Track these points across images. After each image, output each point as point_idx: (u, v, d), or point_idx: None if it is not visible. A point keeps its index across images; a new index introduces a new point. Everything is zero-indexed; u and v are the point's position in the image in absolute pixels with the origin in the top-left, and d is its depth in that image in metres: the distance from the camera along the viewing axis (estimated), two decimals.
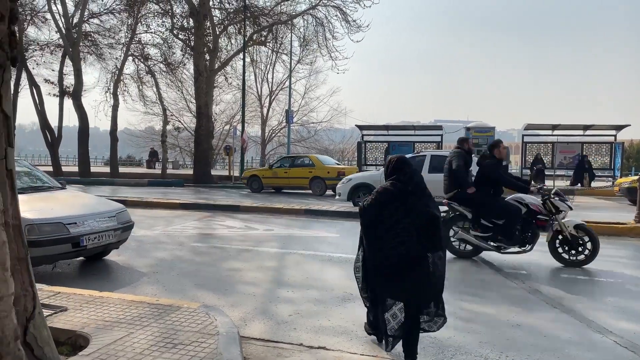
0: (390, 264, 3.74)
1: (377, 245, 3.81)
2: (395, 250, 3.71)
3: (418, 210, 3.73)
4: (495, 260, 7.17)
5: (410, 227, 3.71)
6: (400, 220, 3.72)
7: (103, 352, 3.36)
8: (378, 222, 3.80)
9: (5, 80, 3.17)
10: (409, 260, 3.70)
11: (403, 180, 3.81)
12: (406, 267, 3.70)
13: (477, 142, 19.44)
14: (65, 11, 24.43)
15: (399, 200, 3.76)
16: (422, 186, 3.87)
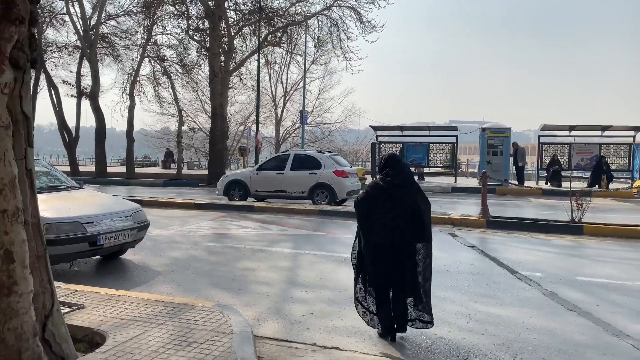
0: (382, 251, 4.13)
1: (370, 234, 4.17)
2: (385, 239, 4.10)
3: (406, 203, 4.11)
4: (510, 262, 7.11)
5: (398, 218, 4.09)
6: (389, 211, 4.10)
7: (119, 350, 3.41)
8: (371, 214, 4.16)
9: (25, 82, 3.24)
10: (398, 248, 4.10)
11: (391, 175, 4.18)
12: (396, 255, 4.11)
13: (493, 142, 19.29)
14: (83, 13, 24.77)
15: (387, 194, 4.13)
16: (410, 180, 4.25)
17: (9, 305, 3.01)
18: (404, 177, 4.22)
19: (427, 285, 4.22)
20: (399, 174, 4.20)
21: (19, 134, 3.19)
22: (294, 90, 40.90)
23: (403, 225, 4.10)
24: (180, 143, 27.48)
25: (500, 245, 8.54)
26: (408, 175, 4.29)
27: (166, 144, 40.12)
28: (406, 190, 4.16)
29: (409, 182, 4.22)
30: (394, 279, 4.17)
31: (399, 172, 4.21)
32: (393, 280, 4.18)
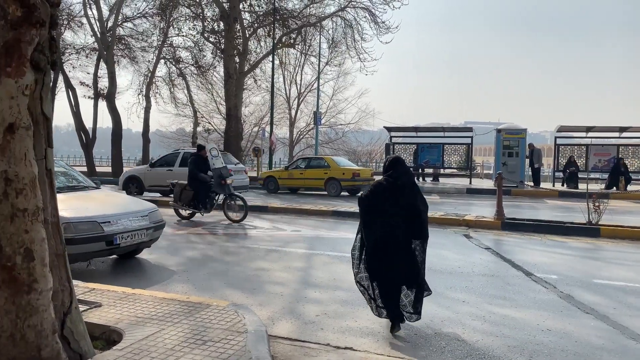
0: (382, 245, 4.43)
1: (372, 229, 4.49)
2: (386, 234, 4.41)
3: (405, 202, 4.44)
4: (525, 264, 7.05)
5: (398, 216, 4.40)
6: (390, 209, 4.42)
7: (136, 347, 3.46)
8: (373, 210, 4.49)
9: (45, 84, 3.30)
10: (397, 243, 4.41)
11: (394, 176, 4.50)
12: (394, 249, 4.41)
13: (509, 144, 19.13)
14: (100, 16, 25.09)
15: (389, 192, 4.46)
16: (411, 182, 4.60)
17: (29, 302, 3.08)
18: (406, 178, 4.55)
19: (421, 279, 4.54)
20: (402, 175, 4.52)
21: (39, 135, 3.26)
22: (308, 91, 40.99)
23: (402, 222, 4.41)
24: (196, 143, 27.67)
25: (516, 247, 8.47)
26: (409, 177, 4.62)
27: (181, 145, 40.36)
28: (407, 190, 4.49)
29: (410, 184, 4.56)
30: (392, 272, 4.44)
31: (401, 174, 4.53)
32: (392, 273, 4.45)
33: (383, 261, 4.45)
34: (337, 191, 16.91)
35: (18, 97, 3.10)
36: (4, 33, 3.05)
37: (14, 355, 3.09)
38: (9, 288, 3.08)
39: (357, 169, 18.27)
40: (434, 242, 8.78)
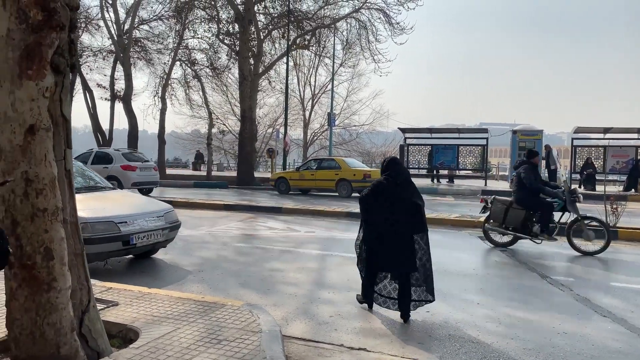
0: (383, 241, 4.71)
1: (373, 227, 4.80)
2: (387, 230, 4.69)
3: (404, 200, 4.72)
4: (541, 267, 6.99)
5: (398, 212, 4.68)
6: (390, 206, 4.71)
7: (152, 346, 3.51)
8: (374, 208, 4.80)
9: (65, 86, 3.37)
10: (398, 239, 4.67)
11: (393, 175, 4.81)
12: (396, 244, 4.67)
13: (525, 145, 18.96)
14: (117, 18, 25.40)
15: (389, 191, 4.75)
16: (408, 180, 4.90)
17: (48, 300, 3.13)
18: (404, 177, 4.87)
19: (428, 269, 4.77)
20: (399, 174, 4.85)
21: (58, 136, 3.32)
22: (322, 92, 41.07)
23: (401, 218, 4.69)
24: (210, 145, 27.87)
25: (531, 249, 8.39)
26: (407, 176, 4.96)
27: (196, 146, 40.77)
28: (405, 188, 4.80)
29: (407, 182, 4.88)
30: (393, 264, 4.77)
31: (399, 173, 4.86)
32: (393, 265, 4.78)
33: (386, 256, 4.74)
34: (348, 192, 16.92)
35: (38, 99, 3.16)
36: (25, 36, 3.11)
37: (34, 353, 3.16)
38: (29, 286, 3.15)
39: (368, 170, 18.26)
40: (448, 243, 8.82)
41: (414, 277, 4.73)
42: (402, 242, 4.68)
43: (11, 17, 3.09)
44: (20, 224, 3.14)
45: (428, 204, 14.69)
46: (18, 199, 3.14)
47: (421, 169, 22.70)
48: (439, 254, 7.86)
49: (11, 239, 3.17)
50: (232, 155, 41.10)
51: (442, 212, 12.31)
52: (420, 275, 4.74)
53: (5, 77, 3.12)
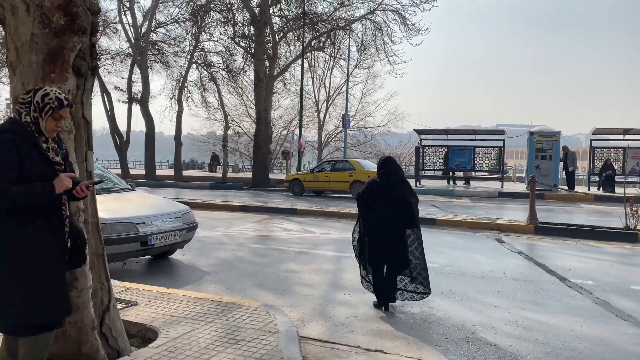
0: (378, 236, 4.99)
1: (369, 221, 5.06)
2: (382, 225, 4.97)
3: (398, 197, 4.99)
4: (559, 269, 6.91)
5: (392, 208, 4.95)
6: (385, 203, 4.97)
7: (171, 345, 3.55)
8: (369, 204, 5.07)
9: (86, 89, 3.43)
10: (392, 233, 4.95)
11: (387, 174, 5.09)
12: (389, 239, 4.95)
13: (542, 146, 18.76)
14: (135, 22, 25.70)
15: (384, 189, 5.03)
16: (401, 178, 5.15)
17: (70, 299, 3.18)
18: (397, 175, 5.13)
19: (421, 262, 5.03)
20: (393, 173, 5.11)
21: (80, 138, 3.38)
22: (336, 94, 41.03)
23: (395, 214, 4.96)
24: (226, 147, 28.02)
25: (549, 252, 8.31)
26: (401, 175, 5.20)
27: (212, 148, 40.99)
28: (398, 186, 5.07)
29: (400, 180, 5.14)
30: (387, 258, 5.02)
31: (393, 172, 5.12)
32: (387, 259, 5.03)
33: (379, 249, 5.01)
34: None
35: None
36: (48, 40, 3.18)
37: (56, 350, 3.21)
38: None
39: None
40: (465, 245, 8.77)
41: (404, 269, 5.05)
42: (395, 237, 4.99)
43: (35, 21, 3.16)
44: None
45: (444, 205, 14.66)
46: None
47: (437, 171, 22.57)
48: (455, 256, 7.85)
49: None
50: (247, 157, 41.27)
51: (458, 214, 12.23)
52: (414, 267, 5.03)
53: (29, 81, 3.19)
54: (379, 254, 5.03)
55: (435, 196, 17.91)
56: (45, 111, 2.67)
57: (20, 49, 3.19)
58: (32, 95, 2.70)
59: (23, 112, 2.69)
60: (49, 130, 2.71)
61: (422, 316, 4.95)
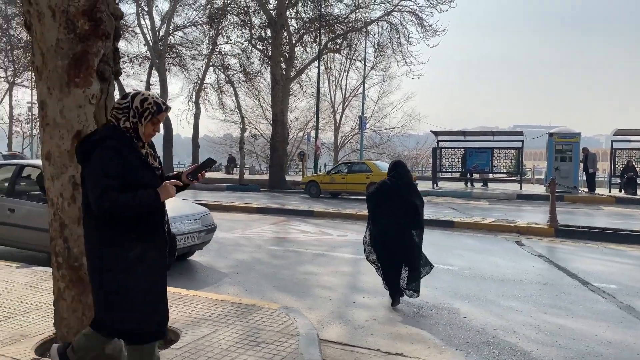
0: (387, 235, 5.28)
1: (379, 221, 5.37)
2: (390, 225, 5.26)
3: (405, 198, 5.29)
4: (581, 273, 6.81)
5: (400, 209, 5.25)
6: (393, 204, 5.27)
7: (192, 347, 3.57)
8: (379, 205, 5.37)
9: (110, 93, 3.47)
10: (399, 232, 5.24)
11: (397, 176, 5.38)
12: (397, 237, 5.24)
13: (561, 148, 18.52)
14: (153, 25, 26.03)
15: (393, 191, 5.33)
16: (409, 181, 5.46)
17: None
18: (406, 178, 5.41)
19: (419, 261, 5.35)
20: (403, 176, 5.39)
21: None
22: (352, 96, 41.03)
23: (402, 215, 5.24)
24: (243, 149, 28.19)
25: (570, 255, 8.19)
26: (409, 178, 5.49)
27: (228, 150, 41.25)
28: (407, 188, 5.36)
29: (408, 183, 5.43)
30: (395, 256, 5.30)
31: (402, 175, 5.39)
32: (394, 257, 5.30)
33: (387, 247, 5.29)
34: None
35: (85, 105, 3.27)
36: (73, 46, 3.23)
37: None
38: (75, 287, 3.25)
39: None
40: (484, 248, 8.69)
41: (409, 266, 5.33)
42: (402, 236, 5.26)
43: (60, 27, 3.21)
44: (68, 227, 3.26)
45: (462, 208, 14.55)
46: (66, 202, 3.26)
47: (454, 173, 22.41)
48: (474, 259, 7.78)
49: (59, 241, 3.30)
50: (263, 159, 41.47)
51: (476, 217, 12.13)
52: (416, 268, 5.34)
53: (55, 85, 3.25)
54: (387, 252, 5.31)
55: (453, 198, 17.79)
56: (144, 116, 2.67)
57: (46, 54, 3.25)
58: (129, 101, 2.68)
59: (122, 118, 2.66)
60: (146, 135, 2.72)
61: (442, 319, 4.91)
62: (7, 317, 4.27)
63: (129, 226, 2.60)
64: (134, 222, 2.61)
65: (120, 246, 2.60)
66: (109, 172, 2.54)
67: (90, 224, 2.68)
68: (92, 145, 2.61)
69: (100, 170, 2.54)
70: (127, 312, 2.63)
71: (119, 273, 2.60)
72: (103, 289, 2.65)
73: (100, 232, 2.62)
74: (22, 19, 20.82)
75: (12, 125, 36.67)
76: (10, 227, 6.93)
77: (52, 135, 3.27)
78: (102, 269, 2.63)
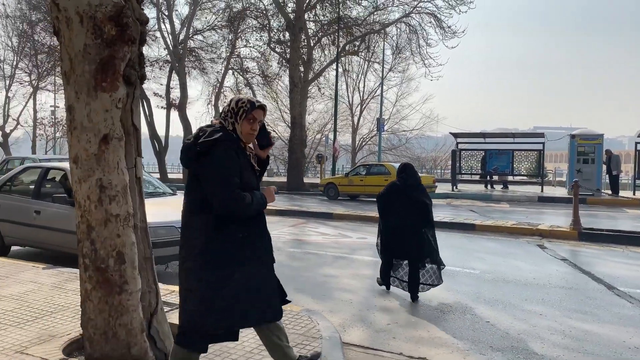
0: (398, 234, 5.58)
1: (389, 220, 5.69)
2: (398, 223, 5.57)
3: (415, 198, 5.56)
4: (606, 277, 6.69)
5: (410, 209, 5.53)
6: (403, 204, 5.56)
7: (217, 349, 3.59)
8: (389, 205, 5.69)
9: (135, 97, 3.52)
10: (410, 232, 5.51)
11: (405, 177, 5.70)
12: (408, 236, 5.51)
13: (584, 150, 18.24)
14: (173, 29, 26.32)
15: (402, 191, 5.64)
16: (418, 182, 5.74)
17: (120, 302, 3.27)
18: (414, 180, 5.71)
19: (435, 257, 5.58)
20: (411, 177, 5.70)
21: (129, 145, 3.47)
22: (370, 98, 40.96)
23: (411, 214, 5.52)
24: None
25: (595, 259, 8.05)
26: (417, 179, 5.78)
27: None
28: (415, 189, 5.65)
29: (417, 184, 5.72)
30: (403, 253, 5.63)
31: (411, 176, 5.71)
32: (404, 255, 5.63)
33: (398, 244, 5.61)
34: None
35: (112, 109, 3.31)
36: (100, 51, 3.28)
37: (107, 352, 3.30)
38: (102, 288, 3.29)
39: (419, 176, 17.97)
40: (505, 251, 8.59)
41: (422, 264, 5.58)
42: (411, 234, 5.51)
43: (88, 32, 3.26)
44: (95, 229, 3.30)
45: (482, 210, 14.40)
46: (93, 205, 3.30)
47: (474, 175, 22.19)
48: (496, 262, 7.69)
49: (86, 242, 3.35)
50: (281, 161, 41.58)
51: (497, 219, 11.99)
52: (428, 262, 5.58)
53: (82, 90, 3.30)
54: (397, 249, 5.66)
55: (473, 200, 17.63)
56: (239, 114, 2.82)
57: (74, 59, 3.30)
58: (228, 105, 2.88)
59: (226, 122, 2.84)
60: (245, 134, 2.84)
61: (465, 323, 4.87)
62: (35, 317, 4.35)
63: (242, 224, 2.73)
64: (244, 223, 2.74)
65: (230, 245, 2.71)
66: (233, 172, 2.69)
67: (196, 223, 2.79)
68: (210, 145, 2.71)
69: (227, 170, 2.67)
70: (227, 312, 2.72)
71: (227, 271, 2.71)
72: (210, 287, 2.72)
73: (210, 230, 2.72)
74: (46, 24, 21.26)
75: (36, 129, 37.37)
76: (36, 229, 7.06)
77: (79, 139, 3.32)
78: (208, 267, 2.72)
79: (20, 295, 5.01)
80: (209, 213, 2.71)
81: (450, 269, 7.06)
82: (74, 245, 5.98)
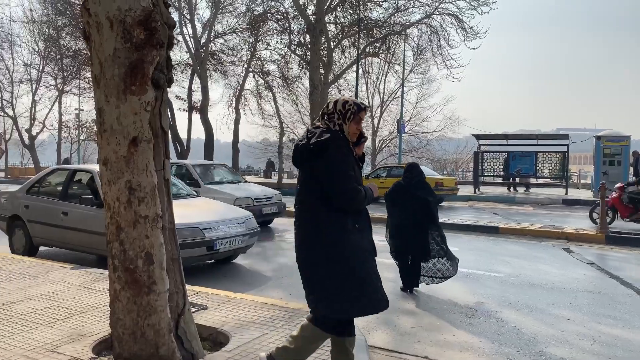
0: (402, 229, 5.83)
1: (395, 217, 5.95)
2: (404, 220, 5.82)
3: (419, 197, 5.80)
4: (636, 282, 6.54)
5: (414, 208, 5.77)
6: (408, 203, 5.81)
7: (242, 350, 3.61)
8: (395, 203, 5.95)
9: (164, 100, 3.56)
10: (415, 229, 5.75)
11: (410, 177, 5.96)
12: (411, 232, 5.76)
13: (610, 151, 17.88)
14: (195, 33, 26.56)
15: (407, 190, 5.89)
16: (422, 181, 5.96)
17: (148, 302, 3.31)
18: (419, 179, 5.94)
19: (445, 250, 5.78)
20: (416, 176, 5.94)
21: (158, 147, 3.51)
22: (391, 99, 40.72)
23: (416, 212, 5.76)
24: (282, 153, 28.42)
25: (623, 263, 7.88)
26: (422, 178, 6.00)
27: (266, 155, 41.68)
28: (420, 187, 5.88)
29: (422, 182, 5.95)
30: (410, 249, 5.84)
31: (416, 175, 5.95)
32: (410, 250, 5.85)
33: (402, 240, 5.83)
34: None
35: (141, 112, 3.36)
36: (129, 55, 3.33)
37: (135, 351, 3.34)
38: (131, 289, 3.34)
39: (440, 178, 17.82)
40: (531, 255, 8.45)
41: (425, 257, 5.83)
42: (415, 232, 5.75)
43: (117, 37, 3.32)
44: (124, 230, 3.35)
45: (505, 213, 14.22)
46: (122, 206, 3.35)
47: (496, 177, 21.91)
48: (521, 266, 7.58)
49: (115, 243, 3.40)
50: None
51: (521, 222, 11.82)
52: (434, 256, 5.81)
53: (112, 93, 3.36)
54: (402, 245, 5.87)
55: (496, 203, 17.41)
56: (347, 117, 2.98)
57: (104, 63, 3.36)
58: (333, 107, 3.02)
59: (331, 123, 2.99)
60: (351, 134, 3.02)
61: (491, 327, 4.80)
62: (65, 316, 4.43)
63: (353, 219, 2.93)
64: (356, 216, 2.97)
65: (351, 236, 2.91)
66: (350, 167, 2.88)
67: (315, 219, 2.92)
68: (324, 144, 2.83)
69: (344, 165, 2.86)
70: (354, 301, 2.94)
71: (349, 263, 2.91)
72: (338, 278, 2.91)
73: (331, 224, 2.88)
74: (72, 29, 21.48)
75: (61, 132, 38.09)
76: (64, 230, 7.20)
77: (109, 142, 3.37)
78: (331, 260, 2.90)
79: (50, 295, 5.11)
80: (327, 208, 2.87)
81: (474, 272, 6.99)
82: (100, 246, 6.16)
